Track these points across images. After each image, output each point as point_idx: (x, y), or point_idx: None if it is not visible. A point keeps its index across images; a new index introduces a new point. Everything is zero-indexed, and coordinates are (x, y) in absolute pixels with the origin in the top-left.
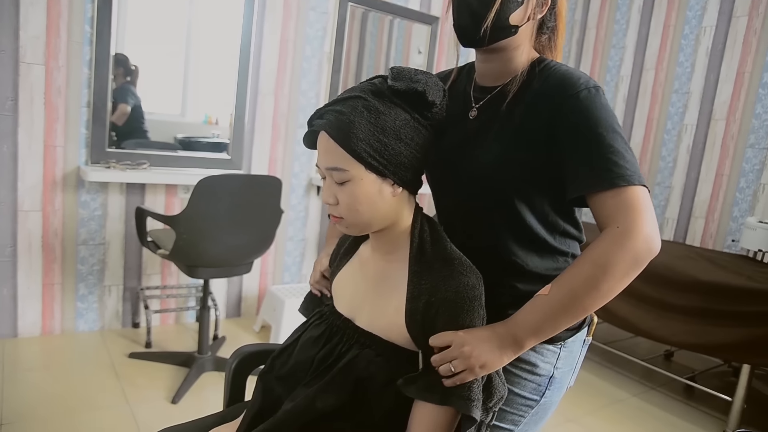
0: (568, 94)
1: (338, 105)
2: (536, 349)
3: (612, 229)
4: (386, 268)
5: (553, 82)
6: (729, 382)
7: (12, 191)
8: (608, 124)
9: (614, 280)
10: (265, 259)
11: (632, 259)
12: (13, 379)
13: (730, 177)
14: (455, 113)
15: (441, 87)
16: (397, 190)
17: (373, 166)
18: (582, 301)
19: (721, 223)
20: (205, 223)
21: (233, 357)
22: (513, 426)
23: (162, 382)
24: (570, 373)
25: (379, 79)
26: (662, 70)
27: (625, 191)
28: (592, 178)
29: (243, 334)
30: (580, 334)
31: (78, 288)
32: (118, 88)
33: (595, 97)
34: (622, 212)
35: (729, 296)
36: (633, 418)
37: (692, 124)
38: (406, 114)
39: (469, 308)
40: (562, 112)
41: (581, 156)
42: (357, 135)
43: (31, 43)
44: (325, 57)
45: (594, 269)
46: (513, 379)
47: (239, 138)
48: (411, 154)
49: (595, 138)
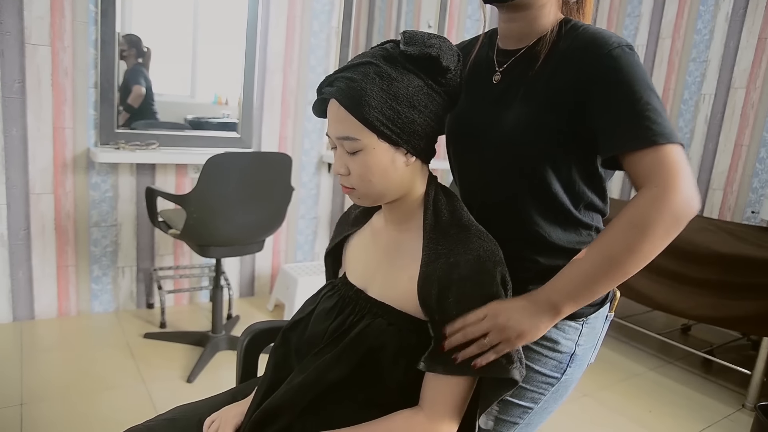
0: (600, 52)
1: (349, 71)
2: (558, 326)
3: (650, 188)
4: (400, 238)
5: (582, 41)
6: (748, 356)
7: (23, 174)
8: (644, 82)
9: (654, 240)
10: (277, 237)
11: (672, 219)
12: (31, 360)
13: (749, 147)
14: (478, 80)
15: (455, 51)
16: (410, 159)
17: (386, 135)
18: (621, 264)
19: (740, 195)
20: (216, 201)
21: (245, 334)
22: (533, 404)
23: (177, 361)
24: (591, 349)
25: (391, 44)
26: (679, 38)
27: (664, 149)
28: (630, 137)
29: (257, 313)
30: (602, 310)
31: (92, 270)
32: (130, 70)
33: (629, 56)
34: (660, 171)
35: (748, 268)
36: (650, 392)
37: (710, 93)
38: (420, 80)
39: (492, 272)
40: (594, 70)
41: (617, 114)
42: (369, 103)
43: (35, 23)
44: (333, 32)
45: (632, 230)
46: (533, 356)
47: (248, 116)
48: (425, 122)
49: (632, 95)
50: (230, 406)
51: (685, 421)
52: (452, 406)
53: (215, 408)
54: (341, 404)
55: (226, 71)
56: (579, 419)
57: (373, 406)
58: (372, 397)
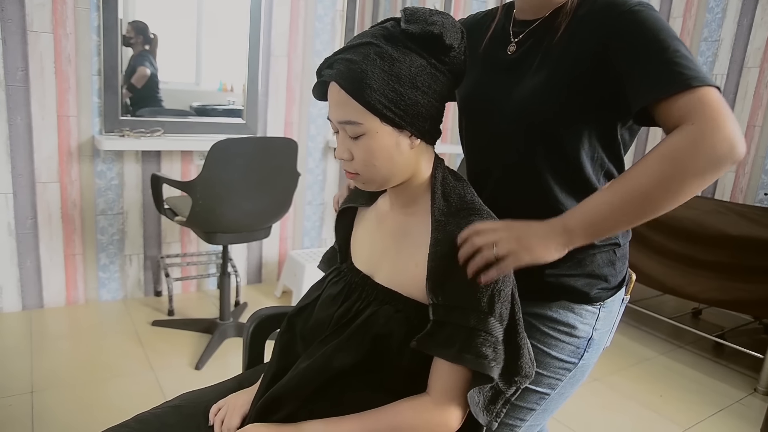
0: (620, 11)
1: (348, 53)
2: (575, 310)
3: (687, 126)
4: (406, 222)
5: (600, 4)
6: (760, 339)
7: (29, 163)
8: (669, 32)
9: (688, 178)
10: (284, 224)
11: (711, 158)
12: (41, 348)
13: (763, 128)
14: (494, 51)
15: (459, 28)
16: (415, 141)
17: (389, 118)
18: (649, 198)
19: (753, 177)
20: (221, 187)
21: (250, 320)
22: (550, 390)
23: (185, 348)
24: (608, 333)
25: (392, 23)
26: (690, 17)
27: (701, 91)
28: (663, 83)
29: (264, 299)
30: (619, 293)
31: (99, 258)
32: (136, 56)
33: (650, 10)
34: (699, 111)
35: (760, 251)
36: (661, 376)
37: (722, 73)
38: (422, 59)
39: None
40: (617, 25)
41: (646, 63)
42: (370, 85)
43: (37, 10)
44: (338, 15)
45: (666, 163)
46: (551, 342)
47: (253, 102)
48: (429, 103)
49: (659, 43)
50: (237, 394)
51: (696, 405)
52: (459, 392)
53: (222, 395)
54: (348, 390)
55: (230, 58)
56: (590, 404)
57: (381, 392)
58: (379, 383)
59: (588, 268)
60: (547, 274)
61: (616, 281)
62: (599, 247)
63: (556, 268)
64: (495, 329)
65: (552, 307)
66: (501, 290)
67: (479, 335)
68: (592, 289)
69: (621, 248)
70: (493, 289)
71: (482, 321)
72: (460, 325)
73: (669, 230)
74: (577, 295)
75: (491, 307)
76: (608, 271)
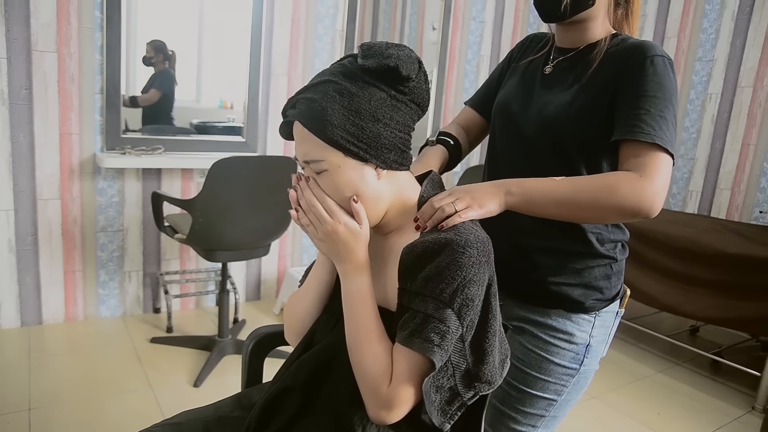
0: (644, 55)
1: (309, 92)
2: (572, 319)
3: (635, 172)
4: (390, 242)
5: (629, 46)
6: (757, 357)
7: (30, 180)
8: (669, 95)
9: (613, 204)
10: (283, 241)
11: (633, 203)
12: (40, 365)
13: (757, 146)
14: (533, 68)
15: (415, 58)
16: (381, 172)
17: (352, 152)
18: (577, 203)
19: (748, 195)
20: (221, 205)
21: (250, 338)
22: (556, 396)
23: (184, 366)
24: (604, 343)
25: (350, 59)
26: (685, 37)
27: (659, 153)
28: (639, 129)
29: (263, 316)
30: (612, 305)
31: (99, 275)
32: (156, 74)
33: (666, 66)
34: (649, 166)
35: (757, 269)
36: (658, 394)
37: (717, 93)
38: (382, 92)
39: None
40: (631, 70)
41: (635, 108)
42: (331, 122)
43: (42, 30)
44: (337, 35)
45: (604, 187)
46: (553, 350)
47: (253, 120)
48: (391, 134)
49: (653, 99)
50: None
51: (693, 423)
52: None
53: (220, 412)
54: None
55: (231, 75)
56: (587, 421)
57: None
58: None
59: (585, 279)
60: (549, 282)
61: (610, 294)
62: (598, 260)
63: (558, 277)
64: (449, 320)
65: (551, 316)
66: (466, 287)
67: (432, 321)
68: (587, 299)
69: (617, 263)
70: (457, 284)
71: (438, 310)
72: (418, 311)
73: (666, 248)
74: (573, 303)
75: (452, 299)
76: (604, 284)
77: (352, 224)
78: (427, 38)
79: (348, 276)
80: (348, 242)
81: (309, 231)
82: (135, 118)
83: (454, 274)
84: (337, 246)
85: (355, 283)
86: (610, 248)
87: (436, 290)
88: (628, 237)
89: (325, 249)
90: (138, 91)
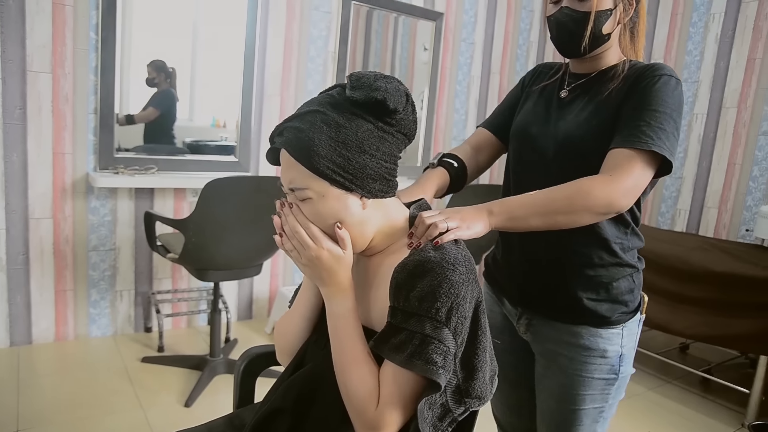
0: (652, 74)
1: (296, 121)
2: (602, 335)
3: (606, 174)
4: (376, 263)
5: (639, 68)
6: (746, 374)
7: (23, 199)
8: (670, 110)
9: (587, 206)
10: (275, 260)
11: (606, 201)
12: (29, 386)
13: (742, 166)
14: (551, 93)
15: (402, 91)
16: (366, 202)
17: (338, 182)
18: (555, 210)
19: (735, 213)
20: (214, 225)
21: (241, 359)
22: (603, 402)
23: (175, 385)
24: (633, 348)
25: (338, 89)
26: (671, 59)
27: (636, 155)
28: (637, 139)
29: (255, 336)
30: (637, 315)
31: (90, 294)
32: (157, 94)
33: (675, 86)
34: (621, 168)
35: (744, 287)
36: (649, 412)
37: (703, 113)
38: (369, 124)
39: (455, 263)
40: (641, 86)
41: (636, 120)
42: (317, 152)
43: (37, 51)
44: (329, 57)
45: (577, 192)
46: (590, 368)
47: (246, 140)
48: (377, 165)
49: (654, 113)
50: None
51: None
52: (400, 399)
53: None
54: None
55: (224, 94)
56: None
57: None
58: None
59: (612, 294)
60: (579, 298)
61: (633, 306)
62: (622, 269)
63: (587, 293)
64: (448, 340)
65: (582, 335)
66: (459, 305)
67: (432, 342)
68: (614, 313)
69: (638, 274)
70: (452, 303)
71: (437, 330)
72: (415, 332)
73: (656, 267)
74: (601, 318)
75: (448, 318)
76: (628, 297)
77: (336, 249)
78: (419, 59)
79: (332, 299)
80: (331, 267)
81: (293, 256)
82: (135, 136)
83: (447, 293)
84: (320, 271)
85: (339, 306)
86: (632, 256)
87: (431, 310)
88: (644, 244)
89: (309, 274)
90: (134, 110)
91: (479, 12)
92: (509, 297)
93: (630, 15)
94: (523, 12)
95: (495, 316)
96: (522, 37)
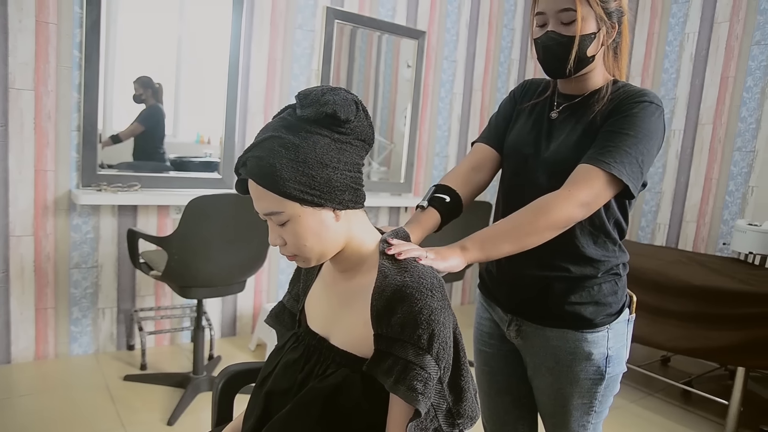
0: (635, 99)
1: (256, 150)
2: (588, 339)
3: (563, 189)
4: (350, 285)
5: (625, 92)
6: (725, 386)
7: (3, 217)
8: (643, 135)
9: (549, 224)
10: (259, 277)
11: (565, 216)
12: (7, 406)
13: (719, 181)
14: (541, 113)
15: (351, 100)
16: (339, 214)
17: (308, 201)
18: (522, 233)
19: (712, 227)
20: (197, 243)
21: (220, 377)
22: (592, 399)
23: (157, 403)
24: (624, 348)
25: (289, 111)
26: (648, 76)
27: (597, 173)
28: (601, 160)
29: (238, 353)
30: (622, 315)
31: (71, 312)
32: (146, 109)
33: (653, 112)
34: (576, 182)
35: (722, 300)
36: (631, 425)
37: (680, 129)
38: (325, 138)
39: (432, 289)
40: (621, 110)
41: (607, 141)
42: (282, 176)
43: (20, 69)
44: (313, 74)
45: (537, 211)
46: (576, 370)
47: (230, 157)
48: (342, 176)
49: (627, 137)
50: None
51: None
52: (397, 424)
53: None
54: None
55: (208, 111)
56: None
57: None
58: None
59: (595, 297)
60: (565, 302)
61: (617, 307)
62: (605, 276)
63: (572, 297)
64: (429, 366)
65: (568, 339)
66: (441, 332)
67: (414, 369)
68: (598, 315)
69: (621, 279)
70: (433, 330)
71: (419, 356)
72: (399, 357)
73: (635, 281)
74: (586, 321)
75: (430, 345)
76: (612, 299)
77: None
78: (402, 76)
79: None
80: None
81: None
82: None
83: (428, 320)
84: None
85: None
86: (616, 267)
87: (413, 336)
88: (628, 258)
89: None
90: (120, 127)
91: (461, 30)
92: (500, 304)
93: (613, 37)
94: (504, 30)
95: (485, 323)
96: (503, 54)
